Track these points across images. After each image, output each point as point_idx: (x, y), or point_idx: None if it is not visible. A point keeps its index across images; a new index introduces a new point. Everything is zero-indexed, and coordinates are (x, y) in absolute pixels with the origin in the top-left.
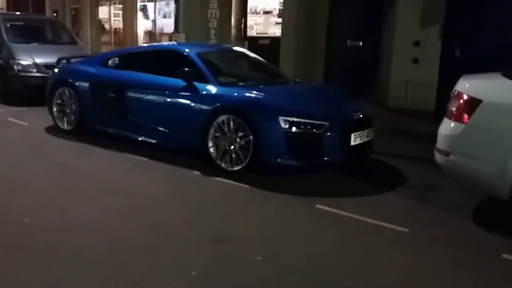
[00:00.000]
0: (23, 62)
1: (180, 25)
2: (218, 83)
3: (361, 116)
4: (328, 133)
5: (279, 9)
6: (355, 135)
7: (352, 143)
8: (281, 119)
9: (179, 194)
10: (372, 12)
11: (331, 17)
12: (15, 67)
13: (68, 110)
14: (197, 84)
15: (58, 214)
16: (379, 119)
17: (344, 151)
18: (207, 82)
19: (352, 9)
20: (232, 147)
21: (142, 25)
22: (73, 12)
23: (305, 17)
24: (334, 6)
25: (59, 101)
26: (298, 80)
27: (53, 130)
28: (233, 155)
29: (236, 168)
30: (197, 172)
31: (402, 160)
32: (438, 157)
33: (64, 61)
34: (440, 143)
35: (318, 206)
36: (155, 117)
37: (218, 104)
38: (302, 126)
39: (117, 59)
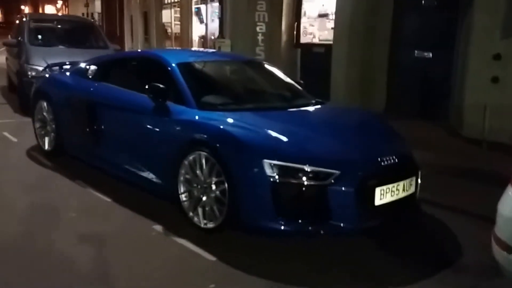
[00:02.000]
0: (37, 67)
1: (226, 29)
2: (196, 106)
3: (396, 160)
4: (339, 187)
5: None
6: (383, 189)
7: (378, 201)
8: (266, 164)
9: (116, 261)
10: (444, 18)
11: (395, 23)
12: (29, 73)
13: (49, 128)
14: (170, 105)
15: None
16: (448, 152)
17: (364, 213)
18: (184, 103)
19: (421, 14)
20: (205, 197)
21: (197, 29)
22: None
23: (362, 22)
24: (399, 10)
25: (39, 116)
26: (324, 102)
27: (37, 150)
28: (207, 208)
29: (209, 226)
30: (158, 227)
31: (463, 217)
32: (497, 250)
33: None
34: (501, 230)
35: None
36: (122, 146)
37: (190, 136)
38: (298, 175)
39: (95, 68)
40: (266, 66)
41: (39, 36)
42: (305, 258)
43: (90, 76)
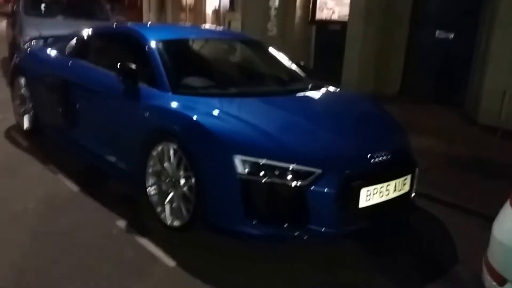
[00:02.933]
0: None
1: (238, 2)
2: (170, 89)
3: (388, 157)
4: (319, 187)
5: None
6: (369, 190)
7: (364, 203)
8: (237, 160)
9: (59, 266)
10: None
11: (416, 1)
12: (22, 45)
13: (27, 106)
14: (142, 88)
15: None
16: (460, 140)
17: (346, 216)
18: (157, 85)
19: None
20: (173, 192)
21: (211, 3)
22: None
23: None
24: None
25: (18, 93)
26: (322, 87)
27: (17, 129)
28: (174, 204)
29: (176, 224)
30: (121, 223)
31: (465, 216)
32: (488, 281)
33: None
34: (494, 257)
35: None
36: (94, 130)
37: (159, 124)
38: (272, 174)
39: (74, 42)
40: (264, 46)
41: (36, 6)
42: (276, 267)
43: (67, 52)
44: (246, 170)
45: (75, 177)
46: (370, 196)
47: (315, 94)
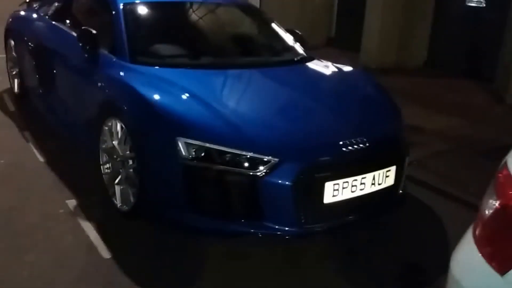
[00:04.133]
0: None
1: None
2: (129, 58)
3: (366, 145)
4: (274, 178)
5: None
6: (338, 183)
7: (330, 199)
8: (181, 142)
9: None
10: None
11: None
12: None
13: (18, 69)
14: (102, 54)
15: None
16: (484, 120)
17: (308, 213)
18: (116, 53)
19: None
20: (120, 172)
21: None
22: None
23: None
24: None
25: (9, 56)
26: (314, 59)
27: (8, 92)
28: (122, 186)
29: (124, 209)
30: (71, 203)
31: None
32: None
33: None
34: None
35: None
36: (62, 97)
37: (108, 95)
38: (220, 160)
39: (56, 4)
40: (256, 12)
41: None
42: (228, 266)
43: (48, 15)
44: (191, 155)
45: (45, 147)
46: (339, 190)
47: (298, 68)
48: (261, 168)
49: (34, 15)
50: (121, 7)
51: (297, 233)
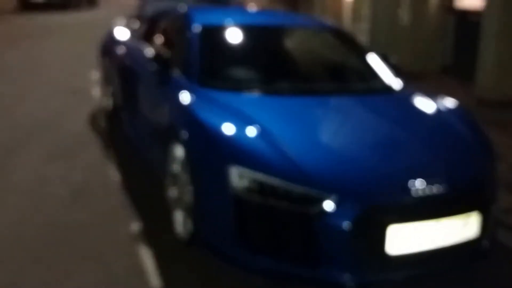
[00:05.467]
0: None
1: None
2: (198, 81)
3: (440, 188)
4: (332, 217)
5: None
6: (403, 230)
7: (393, 249)
8: (234, 171)
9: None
10: None
11: None
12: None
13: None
14: (176, 76)
15: None
16: None
17: (369, 261)
18: (188, 75)
19: None
20: (182, 198)
21: None
22: None
23: None
24: None
25: (103, 74)
26: (403, 90)
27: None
28: (183, 213)
29: (184, 236)
30: (135, 226)
31: None
32: None
33: None
34: None
35: None
36: (138, 118)
37: (173, 120)
38: (274, 194)
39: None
40: (342, 35)
41: None
42: None
43: (136, 35)
44: (243, 184)
45: (124, 166)
46: (406, 239)
47: (381, 98)
48: (317, 205)
49: (125, 35)
50: (196, 29)
51: (355, 284)
